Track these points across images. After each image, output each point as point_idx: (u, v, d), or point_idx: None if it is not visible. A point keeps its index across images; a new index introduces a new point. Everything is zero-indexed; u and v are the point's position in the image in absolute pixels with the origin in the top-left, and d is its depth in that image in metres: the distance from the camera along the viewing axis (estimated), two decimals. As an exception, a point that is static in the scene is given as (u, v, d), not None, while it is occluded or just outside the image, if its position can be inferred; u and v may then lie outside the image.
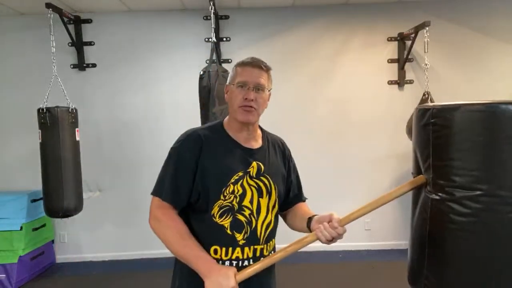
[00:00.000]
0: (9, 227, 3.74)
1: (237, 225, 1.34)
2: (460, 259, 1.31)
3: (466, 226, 1.20)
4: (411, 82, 4.33)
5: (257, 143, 1.47)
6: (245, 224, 1.35)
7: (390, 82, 4.34)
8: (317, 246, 1.15)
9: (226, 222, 1.34)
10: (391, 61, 4.33)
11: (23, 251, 3.72)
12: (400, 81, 4.31)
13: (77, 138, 3.50)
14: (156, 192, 1.35)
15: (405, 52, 4.22)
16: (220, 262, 1.33)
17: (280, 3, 4.19)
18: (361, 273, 3.80)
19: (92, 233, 4.30)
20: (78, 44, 4.16)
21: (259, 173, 1.40)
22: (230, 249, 1.34)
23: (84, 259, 4.31)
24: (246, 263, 1.34)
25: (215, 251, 1.34)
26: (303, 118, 4.35)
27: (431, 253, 1.38)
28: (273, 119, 4.40)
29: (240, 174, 1.36)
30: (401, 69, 4.29)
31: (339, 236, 1.35)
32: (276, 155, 1.51)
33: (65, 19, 3.87)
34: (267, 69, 1.44)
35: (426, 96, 3.92)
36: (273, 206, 1.43)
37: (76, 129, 3.49)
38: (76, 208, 3.47)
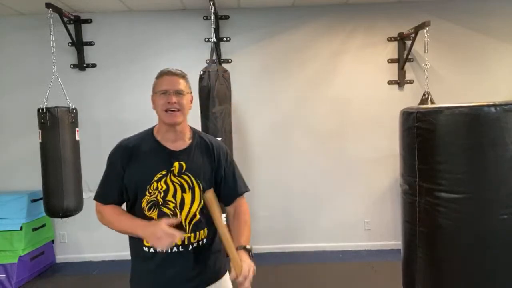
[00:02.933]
0: (9, 227, 3.74)
1: (163, 217, 1.53)
2: (450, 262, 1.31)
3: (454, 229, 1.20)
4: (411, 82, 4.33)
5: (184, 144, 1.64)
6: (171, 216, 1.54)
7: (390, 82, 4.34)
8: (317, 246, 1.14)
9: (154, 214, 1.55)
10: (391, 61, 4.33)
11: (23, 251, 3.72)
12: (400, 81, 4.31)
13: (77, 138, 3.50)
14: (95, 195, 1.65)
15: (405, 52, 4.22)
16: (152, 249, 1.55)
17: (280, 3, 4.19)
18: (361, 273, 3.80)
19: (92, 233, 4.30)
20: (78, 44, 4.16)
21: (180, 172, 1.58)
22: None
23: (84, 259, 4.31)
24: (175, 249, 1.55)
25: (147, 241, 1.54)
26: (303, 118, 4.35)
27: (422, 256, 1.38)
28: (273, 119, 4.42)
29: (164, 172, 1.57)
30: (401, 69, 4.29)
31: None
32: (202, 154, 1.66)
33: (65, 19, 3.87)
34: (182, 75, 1.64)
35: (426, 96, 3.92)
36: (199, 201, 1.59)
37: (76, 129, 3.49)
38: (76, 208, 3.47)
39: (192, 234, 1.58)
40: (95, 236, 4.30)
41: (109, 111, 4.27)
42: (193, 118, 3.34)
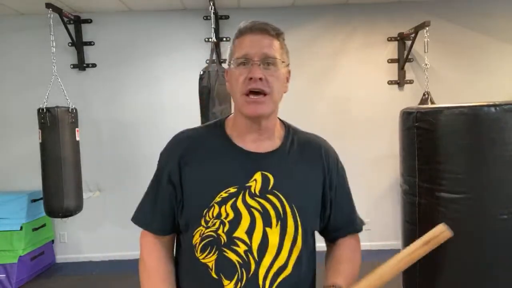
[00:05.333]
0: (9, 227, 3.73)
1: (225, 267, 0.94)
2: (450, 262, 1.31)
3: (454, 229, 1.19)
4: (411, 82, 4.33)
5: (273, 145, 1.04)
6: (238, 267, 0.94)
7: (390, 82, 4.33)
8: (317, 246, 1.13)
9: (210, 260, 0.95)
10: (391, 61, 4.33)
11: (23, 251, 3.72)
12: (400, 81, 4.31)
13: (77, 138, 3.49)
14: (134, 216, 1.09)
15: (405, 52, 4.22)
16: None
17: (280, 3, 4.19)
18: (361, 273, 3.80)
19: (92, 233, 4.30)
20: (78, 44, 4.16)
21: (265, 189, 0.97)
22: None
23: (84, 259, 4.30)
24: None
25: None
26: (303, 118, 4.32)
27: (422, 257, 1.38)
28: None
29: (232, 190, 0.96)
30: (401, 69, 4.28)
31: None
32: (303, 163, 1.04)
33: (65, 19, 3.86)
34: (277, 34, 1.00)
35: (426, 96, 3.92)
36: (293, 242, 0.97)
37: (76, 129, 3.49)
38: (76, 208, 3.46)
39: None
40: (95, 236, 4.30)
41: (109, 111, 4.26)
42: (193, 118, 3.36)
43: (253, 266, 0.93)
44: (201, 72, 3.50)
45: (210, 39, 3.81)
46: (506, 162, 1.25)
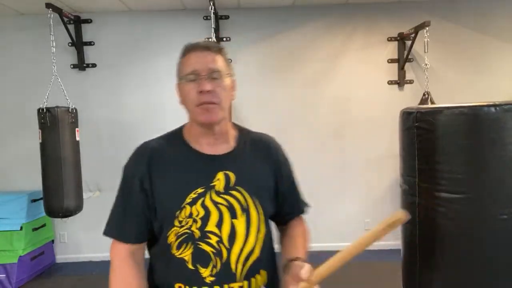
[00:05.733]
0: (9, 227, 3.74)
1: (201, 257, 1.06)
2: (450, 262, 1.31)
3: (454, 229, 1.20)
4: (411, 82, 4.33)
5: (228, 147, 1.16)
6: (213, 256, 1.06)
7: (390, 82, 4.33)
8: (316, 246, 1.14)
9: (187, 254, 1.06)
10: (391, 61, 4.33)
11: (23, 251, 3.72)
12: (400, 81, 4.31)
13: (77, 138, 3.49)
14: (105, 228, 1.17)
15: (405, 52, 4.22)
16: None
17: (280, 3, 4.19)
18: (361, 273, 3.80)
19: (92, 233, 4.29)
20: (78, 44, 4.16)
21: (228, 186, 1.09)
22: None
23: (84, 259, 4.31)
24: None
25: None
26: (303, 118, 4.35)
27: (422, 257, 1.38)
28: (273, 119, 4.42)
29: (200, 191, 1.08)
30: (401, 69, 4.28)
31: None
32: (256, 159, 1.18)
33: (65, 19, 3.86)
34: (219, 49, 1.13)
35: (426, 96, 3.92)
36: (257, 229, 1.11)
37: (76, 129, 3.49)
38: (76, 208, 3.46)
39: (246, 282, 1.09)
40: (95, 236, 4.27)
41: (109, 111, 4.26)
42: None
43: (225, 254, 1.07)
44: (201, 72, 3.50)
45: (210, 39, 3.81)
46: (506, 162, 1.25)
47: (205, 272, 1.06)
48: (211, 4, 3.56)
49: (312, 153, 4.34)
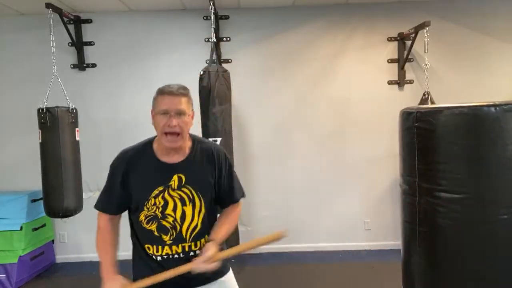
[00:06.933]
0: (9, 227, 3.74)
1: (163, 229, 1.58)
2: (450, 262, 1.31)
3: (454, 229, 1.20)
4: (411, 82, 4.33)
5: (182, 156, 1.62)
6: (170, 229, 1.58)
7: (390, 82, 4.33)
8: (317, 246, 1.14)
9: (153, 227, 1.59)
10: (391, 61, 4.33)
11: (23, 251, 3.72)
12: (400, 81, 4.31)
13: (77, 138, 3.49)
14: (95, 204, 1.69)
15: (405, 52, 4.22)
16: (154, 257, 1.61)
17: (280, 3, 4.19)
18: (361, 273, 3.80)
19: (92, 233, 4.24)
20: (78, 44, 4.16)
21: (180, 185, 1.58)
22: (160, 247, 1.60)
23: (84, 259, 4.30)
24: (176, 256, 1.60)
25: (148, 249, 1.62)
26: (303, 118, 4.35)
27: (422, 256, 1.38)
28: (273, 119, 4.42)
29: (161, 188, 1.57)
30: (401, 69, 4.29)
31: (209, 269, 1.53)
32: (202, 164, 1.65)
33: (65, 19, 3.86)
34: (184, 93, 1.59)
35: (426, 96, 3.92)
36: (199, 211, 1.61)
37: (76, 129, 3.49)
38: (76, 208, 3.46)
39: (193, 243, 1.62)
40: (95, 236, 4.29)
41: (109, 111, 4.26)
42: (194, 118, 3.35)
43: (178, 228, 1.59)
44: (201, 72, 3.50)
45: (210, 39, 3.81)
46: (506, 162, 1.25)
47: (166, 238, 1.59)
48: (211, 4, 3.56)
49: (312, 152, 4.34)
